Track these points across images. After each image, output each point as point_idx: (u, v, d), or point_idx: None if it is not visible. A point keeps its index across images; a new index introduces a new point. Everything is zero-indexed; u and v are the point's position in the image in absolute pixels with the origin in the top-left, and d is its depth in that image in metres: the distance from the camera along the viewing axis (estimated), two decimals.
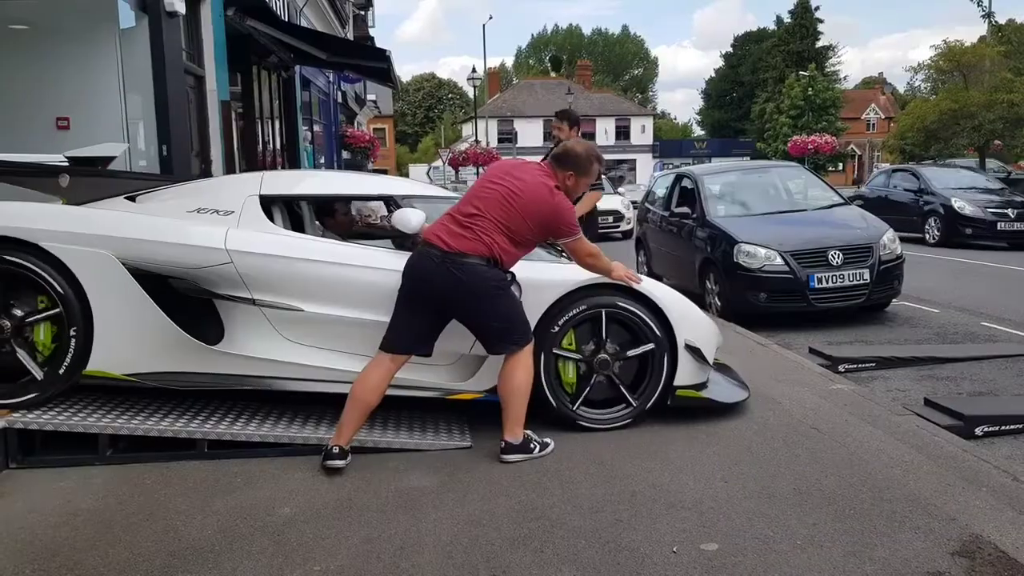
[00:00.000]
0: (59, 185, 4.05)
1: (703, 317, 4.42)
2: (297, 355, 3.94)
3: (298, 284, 3.93)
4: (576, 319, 4.06)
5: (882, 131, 52.09)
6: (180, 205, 4.10)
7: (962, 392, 5.24)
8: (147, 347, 3.84)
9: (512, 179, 3.74)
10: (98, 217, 3.92)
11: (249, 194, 4.11)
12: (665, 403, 4.20)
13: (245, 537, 2.98)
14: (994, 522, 3.02)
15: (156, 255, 3.84)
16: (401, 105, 71.39)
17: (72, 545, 2.92)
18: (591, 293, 4.07)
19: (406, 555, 2.83)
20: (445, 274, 3.56)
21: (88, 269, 3.74)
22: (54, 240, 3.73)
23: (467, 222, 3.65)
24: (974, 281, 10.35)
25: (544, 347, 4.01)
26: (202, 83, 8.93)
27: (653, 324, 4.10)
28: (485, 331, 3.73)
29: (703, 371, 4.30)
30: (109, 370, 3.83)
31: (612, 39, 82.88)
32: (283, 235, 4.09)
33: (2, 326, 3.74)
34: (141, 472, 3.60)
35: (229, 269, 3.85)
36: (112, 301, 3.78)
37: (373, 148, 25.98)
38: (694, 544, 2.89)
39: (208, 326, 3.94)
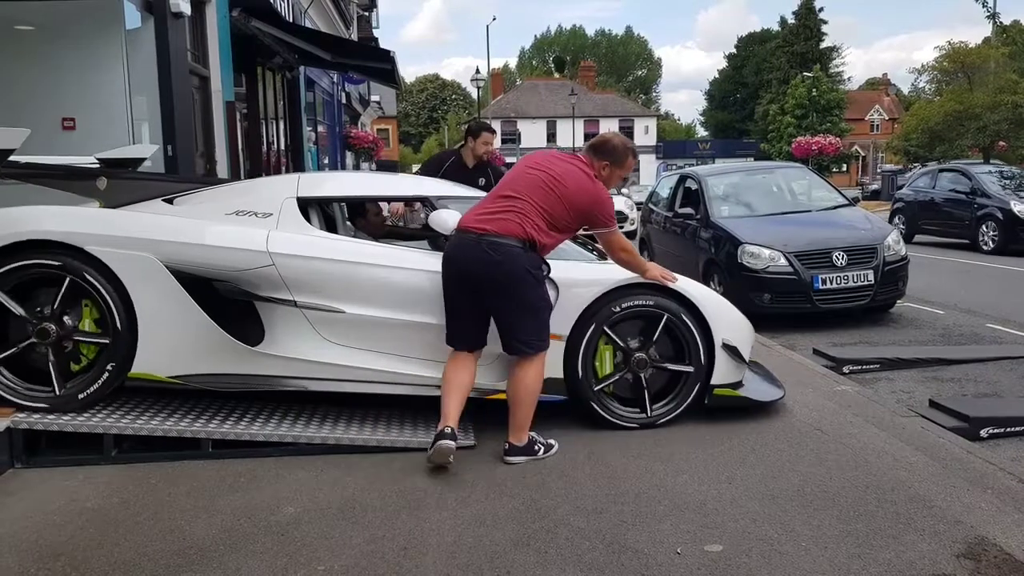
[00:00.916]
0: (96, 188, 4.08)
1: (739, 315, 4.43)
2: (338, 356, 3.98)
3: (339, 286, 3.97)
4: (619, 316, 4.10)
5: (886, 132, 52.05)
6: (218, 208, 4.13)
7: (967, 394, 5.22)
8: (191, 349, 3.88)
9: (552, 166, 3.78)
10: (141, 220, 3.95)
11: (287, 196, 4.14)
12: (702, 402, 4.22)
13: (249, 536, 2.98)
14: (999, 524, 3.01)
15: (199, 258, 3.88)
16: (405, 106, 71.46)
17: (77, 544, 2.93)
18: (628, 293, 4.10)
19: (410, 555, 2.83)
20: (481, 256, 3.57)
21: (132, 272, 3.78)
22: (99, 244, 3.76)
23: (504, 205, 3.67)
24: (978, 283, 10.33)
25: (597, 321, 4.04)
26: (207, 83, 8.95)
27: (692, 326, 4.13)
28: (511, 322, 3.69)
29: (740, 370, 4.32)
30: (154, 372, 3.87)
31: (616, 40, 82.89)
32: (324, 237, 4.13)
33: (48, 330, 3.77)
34: (146, 472, 3.61)
35: (271, 271, 3.89)
36: (156, 304, 3.82)
37: (376, 148, 26.01)
38: (698, 545, 2.89)
39: (248, 328, 3.98)
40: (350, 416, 4.15)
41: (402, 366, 4.01)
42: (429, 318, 3.95)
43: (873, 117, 59.22)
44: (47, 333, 3.76)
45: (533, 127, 53.74)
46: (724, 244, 7.73)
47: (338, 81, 21.64)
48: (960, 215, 14.08)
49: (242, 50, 10.45)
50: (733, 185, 9.01)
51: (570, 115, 49.26)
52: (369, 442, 3.86)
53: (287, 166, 14.60)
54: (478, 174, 5.99)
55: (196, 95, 8.52)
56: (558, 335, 3.97)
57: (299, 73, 15.14)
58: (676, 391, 4.20)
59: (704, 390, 4.20)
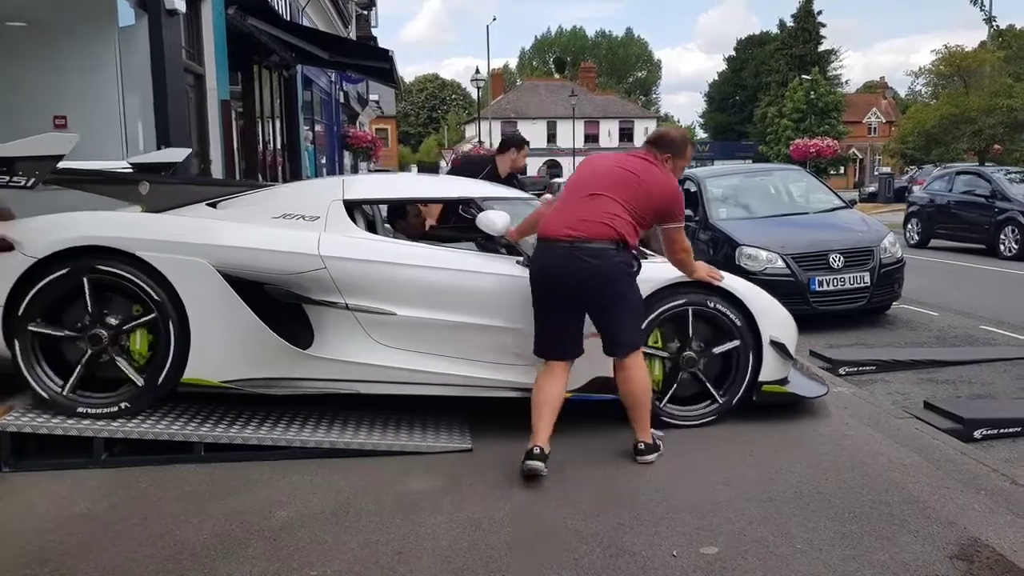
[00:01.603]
0: (139, 193, 4.08)
1: (785, 312, 4.46)
2: (389, 358, 3.98)
3: (390, 288, 3.98)
4: (662, 317, 4.12)
5: (883, 135, 52.09)
6: (264, 211, 4.12)
7: (961, 395, 5.23)
8: (243, 354, 3.89)
9: (628, 163, 3.80)
10: (193, 225, 3.95)
11: (333, 199, 4.14)
12: (751, 399, 4.25)
13: (241, 542, 2.96)
14: (992, 525, 3.01)
15: (251, 262, 3.88)
16: (404, 106, 71.41)
17: (65, 550, 2.90)
18: (678, 291, 4.13)
19: (404, 560, 2.81)
20: (578, 263, 3.55)
21: (185, 278, 3.78)
22: (151, 249, 3.76)
23: (591, 206, 3.64)
24: (973, 285, 10.34)
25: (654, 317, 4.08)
26: (202, 82, 8.91)
27: (738, 321, 4.16)
28: (612, 324, 3.67)
29: (786, 366, 4.35)
30: (206, 377, 3.87)
31: (616, 41, 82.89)
32: (373, 239, 4.15)
33: (100, 335, 3.77)
34: (136, 476, 3.57)
35: (323, 275, 3.90)
36: (209, 309, 3.82)
37: (375, 148, 25.99)
38: (694, 548, 2.87)
39: (298, 331, 3.98)
40: (344, 420, 4.12)
41: (453, 367, 4.03)
42: (480, 320, 4.00)
43: (871, 120, 59.28)
44: (101, 338, 3.76)
45: (533, 128, 53.65)
46: (722, 246, 7.72)
47: (336, 80, 21.60)
48: (979, 219, 13.55)
49: (238, 48, 10.41)
50: (731, 187, 9.00)
51: (570, 116, 49.29)
52: (364, 446, 3.84)
53: (283, 166, 14.57)
54: (509, 185, 6.03)
55: (191, 93, 8.48)
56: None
57: (296, 72, 15.10)
58: (734, 368, 4.25)
59: (753, 386, 4.24)
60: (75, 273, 3.73)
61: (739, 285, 4.27)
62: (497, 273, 4.06)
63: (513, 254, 4.18)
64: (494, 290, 4.02)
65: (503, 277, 4.03)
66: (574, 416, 4.24)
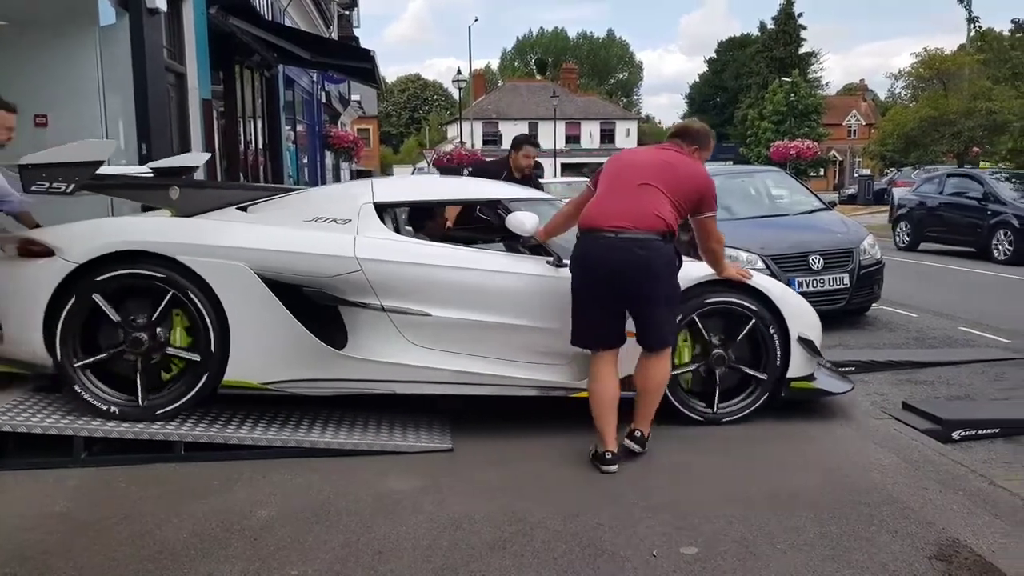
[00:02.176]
0: (169, 197, 4.09)
1: (811, 308, 4.52)
2: (424, 359, 4.02)
3: (425, 289, 4.02)
4: (686, 320, 4.18)
5: (863, 137, 52.54)
6: (295, 215, 4.14)
7: (940, 396, 5.27)
8: (282, 356, 3.92)
9: (662, 155, 3.83)
10: (231, 230, 3.97)
11: (364, 202, 4.17)
12: (779, 396, 4.31)
13: (221, 541, 2.94)
14: (971, 526, 3.04)
15: (288, 265, 3.91)
16: (386, 106, 71.18)
17: (45, 549, 2.87)
18: (707, 291, 4.19)
19: (384, 559, 2.81)
20: (622, 254, 3.57)
21: (224, 281, 3.80)
22: (191, 253, 3.78)
23: (636, 196, 3.65)
24: (951, 286, 10.45)
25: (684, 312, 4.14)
26: (183, 81, 8.85)
27: (768, 319, 4.23)
28: (651, 317, 3.69)
29: (811, 362, 4.41)
30: (247, 379, 3.90)
31: (597, 43, 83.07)
32: (406, 242, 4.18)
33: (141, 339, 3.76)
34: (116, 475, 3.55)
35: (359, 277, 3.93)
36: (248, 312, 3.84)
37: (357, 148, 25.88)
38: (674, 548, 2.89)
39: (333, 332, 4.01)
40: (325, 420, 4.11)
41: (485, 367, 4.07)
42: (512, 319, 4.05)
43: (850, 122, 59.73)
44: (140, 343, 3.77)
45: (515, 128, 53.39)
46: None
47: (318, 80, 21.51)
48: (971, 222, 13.30)
49: (220, 48, 10.34)
50: (717, 189, 9.01)
51: (551, 117, 49.34)
52: (345, 446, 3.83)
53: (265, 165, 14.50)
54: (525, 185, 6.08)
55: (172, 93, 8.42)
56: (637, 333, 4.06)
57: (278, 72, 15.03)
58: (747, 393, 4.31)
59: (779, 385, 4.30)
60: (117, 278, 3.75)
61: (770, 284, 4.37)
62: (528, 273, 4.12)
63: (537, 254, 4.24)
64: (525, 290, 4.09)
65: (534, 277, 4.11)
66: (555, 415, 4.26)
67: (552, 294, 4.03)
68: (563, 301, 3.99)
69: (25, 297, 3.77)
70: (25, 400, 3.89)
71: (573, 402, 4.20)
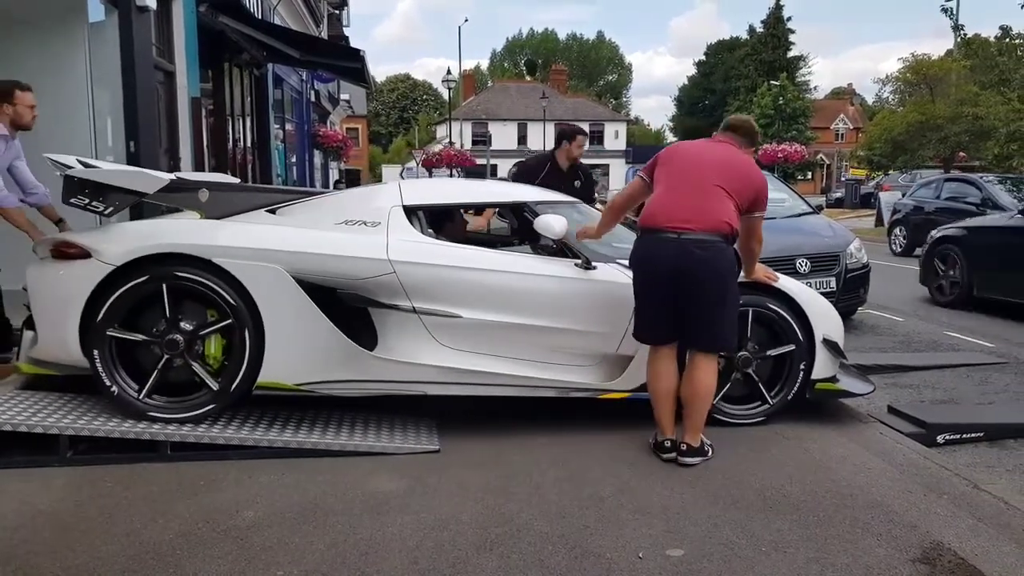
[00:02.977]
0: (198, 200, 4.10)
1: (834, 310, 4.57)
2: (453, 360, 4.05)
3: (456, 291, 4.05)
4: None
5: (851, 141, 52.88)
6: (325, 217, 4.16)
7: (924, 400, 5.32)
8: (316, 357, 3.94)
9: (720, 150, 3.82)
10: (266, 232, 3.99)
11: (393, 205, 4.21)
12: (804, 397, 4.36)
13: (207, 541, 2.94)
14: (954, 529, 3.07)
15: (321, 267, 3.94)
16: (375, 105, 71.10)
17: (29, 548, 2.86)
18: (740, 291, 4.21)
19: (371, 560, 2.81)
20: (685, 255, 3.57)
21: (259, 283, 3.82)
22: (227, 256, 3.80)
23: (701, 196, 3.63)
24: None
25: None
26: (172, 79, 8.81)
27: (793, 322, 4.29)
28: (712, 317, 3.67)
29: (835, 364, 4.47)
30: (281, 380, 3.92)
31: (587, 44, 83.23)
32: (436, 244, 4.20)
33: (177, 340, 3.78)
34: (102, 474, 3.53)
35: (391, 279, 3.97)
36: (282, 313, 3.86)
37: (346, 148, 25.86)
38: (660, 550, 2.90)
39: (364, 334, 4.04)
40: (312, 420, 4.11)
41: (517, 368, 4.10)
42: (542, 321, 4.09)
43: (838, 126, 60.08)
44: (176, 344, 3.79)
45: (504, 129, 53.74)
46: None
47: (307, 79, 21.46)
48: None
49: (209, 45, 10.30)
50: None
51: (541, 118, 49.38)
52: (331, 446, 3.82)
53: (254, 164, 14.45)
54: (573, 177, 6.16)
55: (161, 91, 8.39)
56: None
57: (267, 70, 14.98)
58: (783, 377, 4.36)
59: (806, 384, 4.35)
60: (154, 280, 3.76)
61: (794, 286, 4.42)
62: (558, 275, 4.15)
63: (563, 256, 4.27)
64: (555, 292, 4.13)
65: (564, 279, 4.14)
66: (543, 417, 4.27)
67: (582, 296, 4.10)
68: (593, 303, 4.08)
69: (61, 299, 3.78)
70: (11, 398, 3.87)
71: (560, 402, 4.22)
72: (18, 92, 4.50)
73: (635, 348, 4.16)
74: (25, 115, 4.53)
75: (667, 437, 3.79)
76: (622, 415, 4.27)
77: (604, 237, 4.70)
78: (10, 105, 4.49)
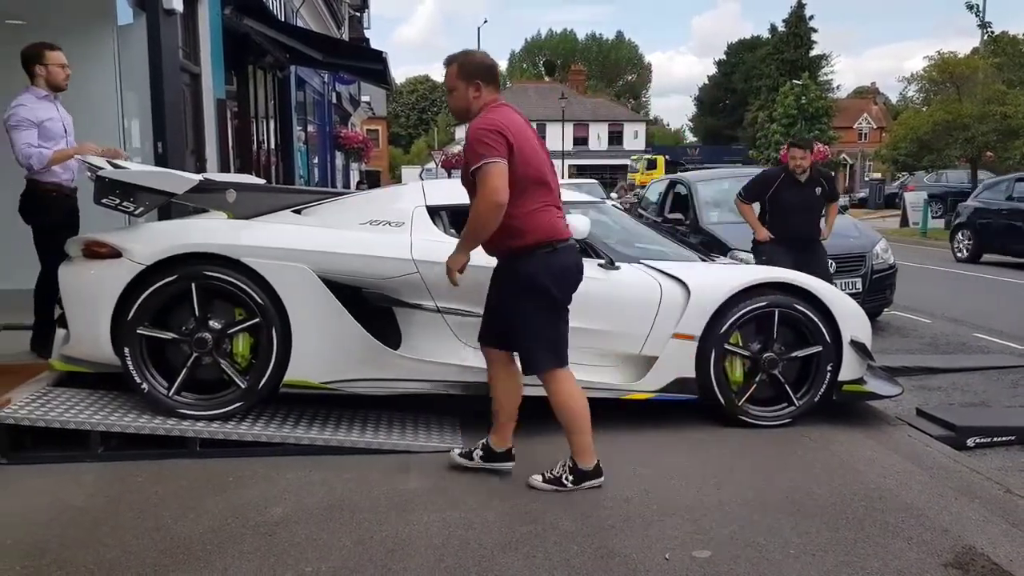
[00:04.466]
0: (226, 200, 4.16)
1: (860, 310, 4.55)
2: (478, 360, 4.00)
3: (480, 291, 3.99)
4: (743, 319, 4.23)
5: (874, 141, 52.34)
6: (350, 218, 4.21)
7: (954, 403, 5.25)
8: (341, 356, 3.98)
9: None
10: (292, 232, 4.04)
11: (417, 205, 4.25)
12: (831, 399, 4.35)
13: (236, 537, 2.96)
14: (987, 534, 3.03)
15: (347, 267, 3.98)
16: (395, 107, 71.29)
17: (62, 543, 2.90)
18: (764, 292, 4.25)
19: (397, 558, 2.82)
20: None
21: (287, 283, 3.87)
22: (255, 255, 3.85)
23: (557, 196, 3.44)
24: (966, 292, 10.40)
25: (713, 344, 4.20)
26: (198, 81, 8.88)
27: (820, 324, 4.28)
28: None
29: (863, 365, 4.45)
30: (308, 379, 3.97)
31: (606, 44, 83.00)
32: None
33: (205, 339, 3.83)
34: (132, 470, 3.58)
35: (416, 279, 4.00)
36: (309, 313, 3.91)
37: (366, 149, 25.95)
38: (686, 551, 2.89)
39: (387, 333, 4.08)
40: (338, 418, 4.14)
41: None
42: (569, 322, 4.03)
43: (861, 125, 59.50)
44: (205, 342, 3.84)
45: None
46: (713, 250, 7.72)
47: (329, 81, 21.57)
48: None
49: (234, 48, 10.38)
50: (723, 191, 9.00)
51: (559, 119, 49.30)
52: (357, 444, 3.85)
53: (277, 165, 14.54)
54: (813, 185, 6.12)
55: (187, 92, 8.46)
56: (690, 335, 4.15)
57: (290, 72, 15.08)
58: (810, 379, 4.35)
59: (833, 385, 4.35)
60: (183, 279, 3.81)
61: (820, 286, 4.39)
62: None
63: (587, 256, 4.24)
64: (579, 292, 4.07)
65: (587, 280, 4.08)
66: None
67: (605, 296, 4.11)
68: (617, 303, 4.10)
69: (92, 298, 3.84)
70: (43, 395, 3.92)
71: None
72: (48, 52, 4.49)
73: (660, 349, 4.15)
74: (58, 75, 4.53)
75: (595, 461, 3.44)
76: (647, 416, 4.26)
77: (628, 238, 4.70)
78: (43, 67, 4.48)
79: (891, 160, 28.76)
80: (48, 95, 4.51)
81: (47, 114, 4.45)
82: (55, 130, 4.48)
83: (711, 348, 4.19)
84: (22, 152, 4.32)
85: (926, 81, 28.59)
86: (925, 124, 25.80)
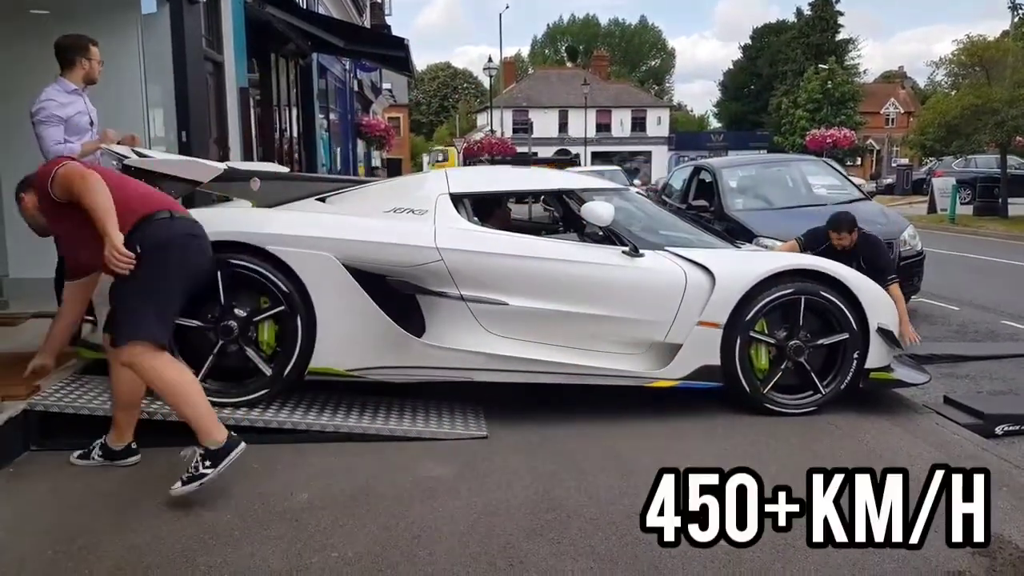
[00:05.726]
0: (250, 189, 4.19)
1: (888, 298, 4.53)
2: (499, 347, 4.09)
3: (503, 279, 4.09)
4: (768, 306, 4.21)
5: (901, 126, 51.63)
6: (374, 206, 4.24)
7: (982, 391, 5.19)
8: (366, 344, 4.01)
9: None
10: (317, 221, 4.06)
11: (440, 193, 4.26)
12: (857, 387, 4.33)
13: (263, 522, 3.00)
14: (1015, 522, 3.00)
15: (371, 255, 4.00)
16: (416, 94, 71.31)
17: (92, 528, 2.94)
18: (790, 279, 4.23)
19: (422, 544, 2.84)
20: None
21: (311, 271, 3.90)
22: (280, 244, 3.88)
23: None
24: (994, 279, 10.25)
25: (739, 332, 4.18)
26: (221, 69, 8.93)
27: (847, 311, 4.26)
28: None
29: (890, 353, 4.43)
30: (333, 366, 4.01)
31: (629, 30, 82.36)
32: (483, 232, 4.25)
33: (231, 327, 3.87)
34: (160, 456, 3.61)
35: (440, 266, 4.01)
36: (334, 301, 3.94)
37: (388, 137, 26.02)
38: None
39: (412, 321, 4.10)
40: (362, 406, 4.16)
41: (563, 356, 4.13)
42: (587, 309, 4.11)
43: (888, 111, 58.68)
44: (230, 330, 3.87)
45: (545, 116, 53.48)
46: (738, 237, 7.67)
47: (350, 68, 21.60)
48: None
49: (256, 36, 10.43)
50: (748, 177, 8.94)
51: (582, 105, 49.09)
52: (381, 432, 3.87)
53: (300, 153, 14.60)
54: (851, 260, 5.40)
55: (210, 81, 8.51)
56: (715, 323, 4.12)
57: (312, 60, 15.12)
58: (836, 367, 4.32)
59: (859, 373, 4.31)
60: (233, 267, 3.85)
61: (847, 272, 4.35)
62: (604, 263, 4.17)
63: (609, 243, 4.28)
64: (602, 279, 4.14)
65: (611, 267, 4.16)
66: (590, 405, 4.26)
67: (629, 284, 4.11)
68: (640, 291, 4.10)
69: None
70: (72, 382, 3.97)
71: (608, 389, 4.21)
72: (92, 47, 4.48)
73: (685, 336, 4.13)
74: (96, 69, 4.56)
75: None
76: (671, 403, 4.25)
77: (652, 225, 4.66)
78: (87, 60, 4.46)
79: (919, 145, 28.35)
80: (77, 88, 4.53)
81: (75, 108, 4.47)
82: (82, 124, 4.50)
83: (736, 336, 4.16)
84: (51, 151, 4.34)
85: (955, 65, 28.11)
86: (953, 109, 25.38)
